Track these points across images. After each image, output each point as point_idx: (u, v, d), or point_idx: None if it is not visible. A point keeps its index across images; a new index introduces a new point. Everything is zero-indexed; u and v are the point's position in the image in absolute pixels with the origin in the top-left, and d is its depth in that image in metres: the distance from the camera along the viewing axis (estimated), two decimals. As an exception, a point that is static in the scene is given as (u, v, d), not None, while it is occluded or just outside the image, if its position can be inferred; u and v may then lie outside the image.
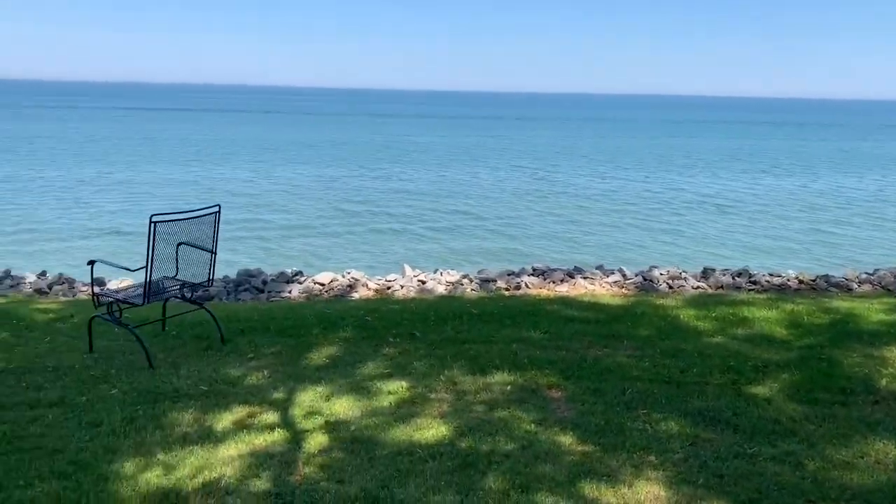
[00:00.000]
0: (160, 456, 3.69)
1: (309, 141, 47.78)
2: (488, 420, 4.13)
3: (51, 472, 3.51)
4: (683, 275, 8.56)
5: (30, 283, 7.83)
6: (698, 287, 8.13)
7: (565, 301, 7.13)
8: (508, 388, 4.63)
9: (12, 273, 8.26)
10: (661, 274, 8.48)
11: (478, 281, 8.21)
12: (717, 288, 8.18)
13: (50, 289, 7.72)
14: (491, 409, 4.29)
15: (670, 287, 8.07)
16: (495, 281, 8.21)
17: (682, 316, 6.41)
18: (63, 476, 3.48)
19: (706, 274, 8.74)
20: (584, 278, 8.34)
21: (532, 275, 8.55)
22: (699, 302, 7.13)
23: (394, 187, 26.91)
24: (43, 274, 8.27)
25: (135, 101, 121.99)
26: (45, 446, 3.81)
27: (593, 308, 6.75)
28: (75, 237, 17.56)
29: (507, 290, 7.94)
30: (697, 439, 3.92)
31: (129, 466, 3.58)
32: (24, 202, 22.07)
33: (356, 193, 25.18)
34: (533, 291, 7.83)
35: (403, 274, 8.54)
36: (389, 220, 20.40)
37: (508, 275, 8.57)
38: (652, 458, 3.69)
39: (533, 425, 4.06)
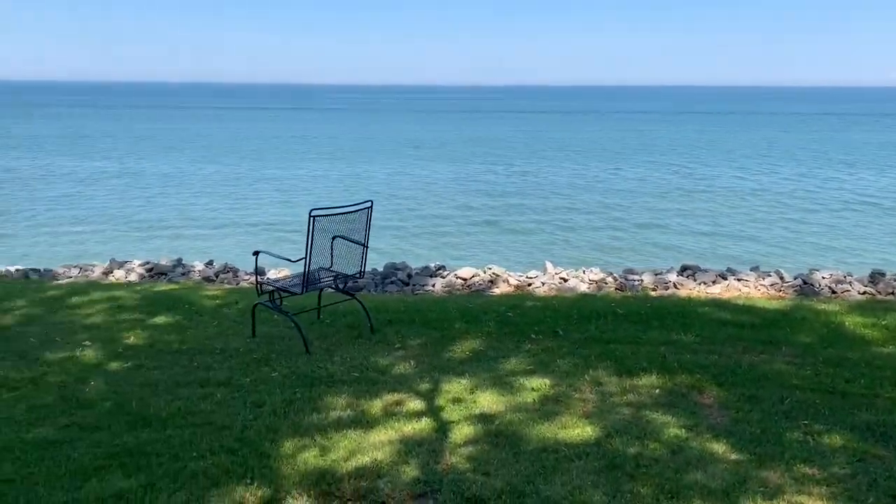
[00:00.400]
0: (316, 437, 3.90)
1: (470, 137, 48.54)
2: (635, 422, 4.04)
3: (220, 447, 3.80)
4: (848, 279, 7.95)
5: (198, 271, 8.49)
6: (865, 292, 7.52)
7: (718, 303, 6.83)
8: (656, 391, 4.50)
9: (183, 262, 9.00)
10: (824, 277, 7.92)
11: (622, 280, 8.03)
12: (888, 294, 7.53)
13: (216, 277, 8.35)
14: (638, 412, 4.19)
15: (833, 292, 7.52)
16: (641, 280, 8.00)
17: (847, 323, 5.97)
18: (231, 451, 3.76)
19: (875, 279, 8.07)
20: (738, 280, 7.95)
21: (681, 275, 8.25)
22: (867, 308, 6.60)
23: (535, 182, 26.83)
24: (210, 263, 8.95)
25: (297, 102, 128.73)
26: (215, 422, 4.13)
27: (748, 311, 6.42)
28: (235, 229, 18.84)
29: (653, 289, 7.71)
30: (866, 455, 3.64)
31: (288, 445, 3.81)
32: (188, 196, 23.95)
33: (495, 189, 25.32)
34: (682, 292, 7.55)
35: (545, 271, 8.50)
36: (528, 216, 20.36)
37: (655, 274, 8.32)
38: (814, 471, 3.47)
39: (683, 430, 3.93)
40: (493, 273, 8.25)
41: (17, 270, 8.68)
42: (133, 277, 8.24)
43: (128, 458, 3.67)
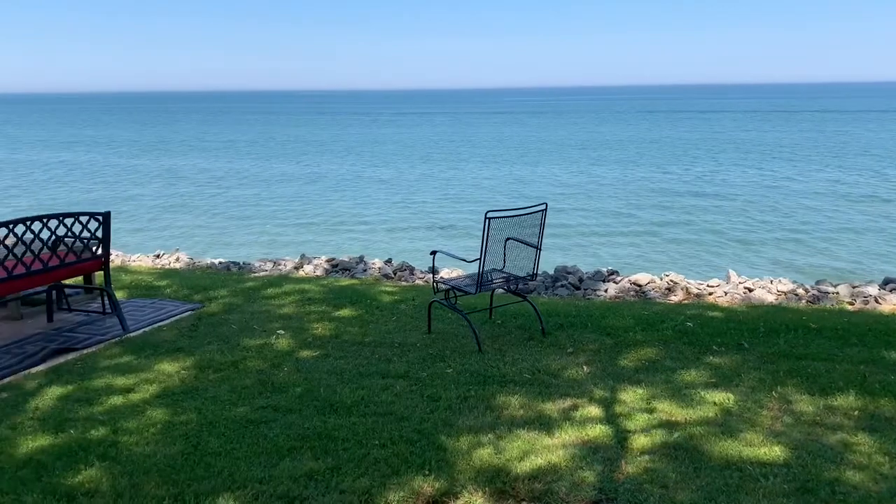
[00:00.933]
0: (490, 435, 3.96)
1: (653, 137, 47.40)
2: (830, 445, 3.74)
3: (400, 437, 3.97)
4: None
5: (378, 268, 8.92)
6: None
7: (927, 321, 6.15)
8: (856, 413, 4.14)
9: (364, 259, 9.49)
10: None
11: (814, 291, 7.45)
12: None
13: (394, 274, 8.73)
14: (833, 434, 3.87)
15: None
16: (836, 293, 7.37)
17: None
18: (409, 442, 3.91)
19: None
20: (953, 296, 7.11)
21: (883, 288, 7.51)
22: None
23: (715, 185, 25.53)
24: (388, 261, 9.38)
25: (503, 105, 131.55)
26: (395, 413, 4.32)
27: (966, 332, 5.73)
28: (412, 230, 19.55)
29: (850, 303, 7.08)
30: None
31: (463, 441, 3.91)
32: (371, 195, 25.15)
33: (668, 193, 24.38)
34: (884, 307, 6.88)
35: (728, 279, 8.08)
36: (704, 222, 19.41)
37: (853, 287, 7.64)
38: None
39: (887, 459, 3.59)
40: (671, 280, 7.95)
41: (220, 263, 9.55)
42: (319, 272, 8.81)
43: (317, 442, 3.93)
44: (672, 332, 5.78)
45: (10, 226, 5.28)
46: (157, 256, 10.00)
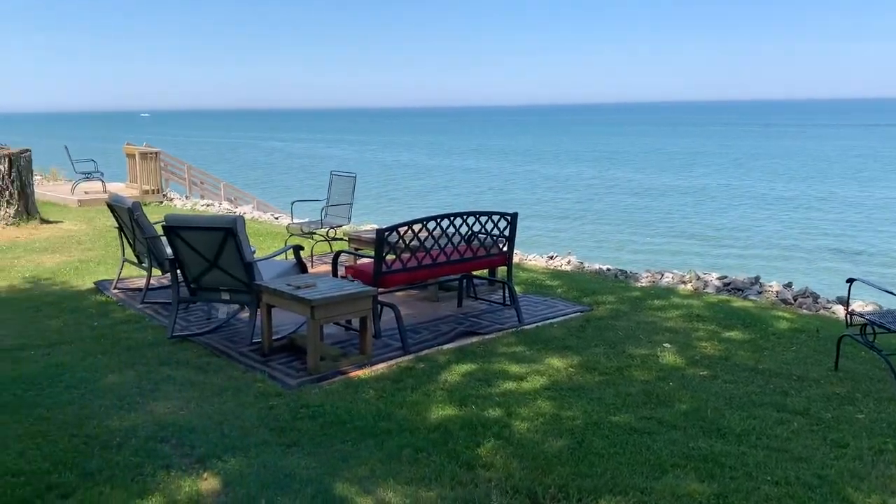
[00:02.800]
0: (913, 500, 3.38)
1: None
2: None
3: (796, 479, 3.61)
4: None
5: (775, 291, 8.21)
6: None
7: None
8: None
9: (761, 280, 8.82)
10: None
11: None
12: None
13: (794, 300, 7.95)
14: None
15: None
16: None
17: None
18: (808, 486, 3.53)
19: None
20: None
21: None
22: None
23: None
24: (788, 285, 8.57)
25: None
26: (790, 451, 3.93)
27: None
28: (820, 255, 17.67)
29: None
30: None
31: (875, 499, 3.40)
32: (770, 213, 23.35)
33: None
34: None
35: None
36: None
37: None
38: None
39: None
40: None
41: (608, 269, 9.75)
42: (709, 289, 8.45)
43: (702, 464, 3.77)
44: None
45: (438, 220, 6.07)
46: (551, 258, 10.59)
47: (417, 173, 42.66)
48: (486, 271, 7.51)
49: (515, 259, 10.62)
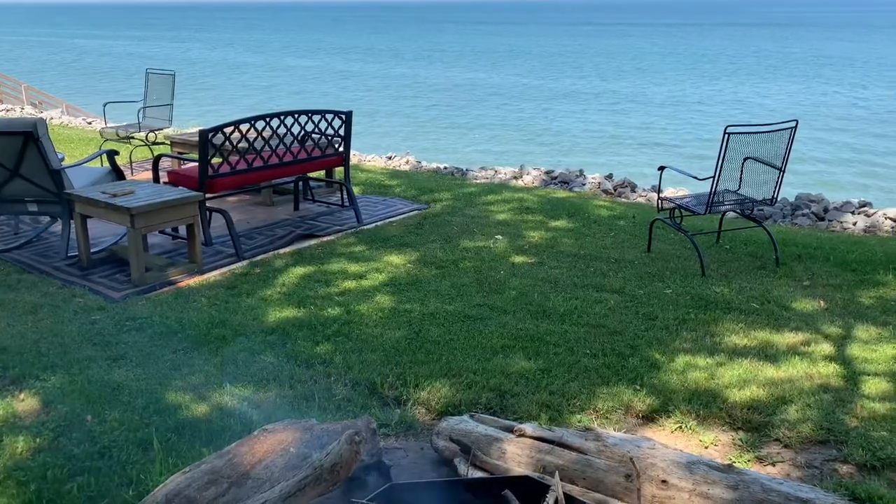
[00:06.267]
0: (708, 360, 3.81)
1: None
2: None
3: (612, 350, 3.95)
4: None
5: (597, 182, 8.73)
6: None
7: None
8: None
9: (584, 173, 9.32)
10: None
11: None
12: None
13: (614, 190, 8.50)
14: None
15: None
16: None
17: None
18: (621, 355, 3.88)
19: None
20: None
21: None
22: None
23: None
24: (609, 176, 9.13)
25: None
26: (607, 326, 4.28)
27: None
28: (639, 146, 18.84)
29: None
30: None
31: (678, 361, 3.80)
32: (600, 111, 24.49)
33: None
34: None
35: None
36: None
37: None
38: None
39: None
40: (936, 217, 6.96)
41: (444, 168, 9.89)
42: (537, 183, 8.82)
43: (529, 343, 4.03)
44: (933, 274, 5.10)
45: (268, 119, 5.82)
46: (389, 158, 10.56)
47: (259, 74, 40.44)
48: (322, 173, 7.37)
49: (354, 160, 10.48)
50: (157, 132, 8.94)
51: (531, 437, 2.67)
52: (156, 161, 6.10)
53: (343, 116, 6.44)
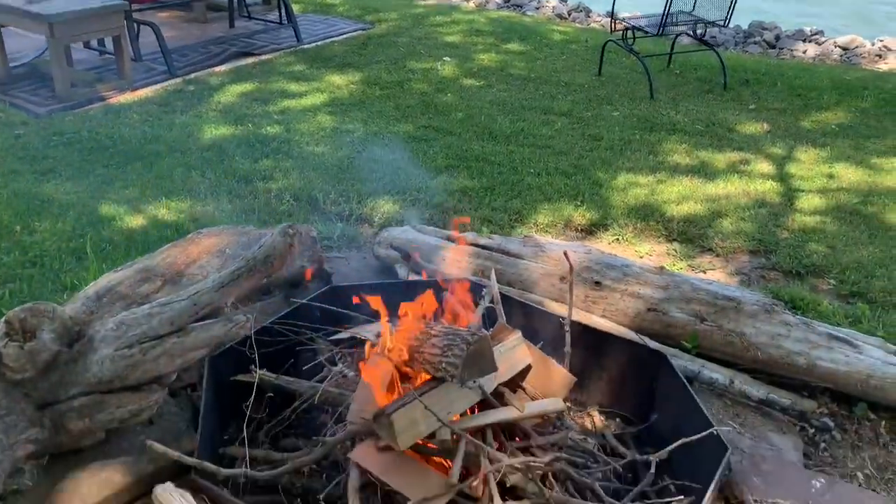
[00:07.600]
0: (650, 178, 3.85)
1: None
2: None
3: (556, 169, 3.94)
4: None
5: (552, 7, 8.39)
6: None
7: None
8: None
9: (539, -4, 8.93)
10: None
11: None
12: None
13: (569, 14, 8.19)
14: None
15: None
16: None
17: None
18: (565, 174, 3.88)
19: None
20: None
21: None
22: None
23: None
24: (564, 0, 8.77)
25: None
26: (553, 147, 4.25)
27: None
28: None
29: None
30: None
31: (620, 179, 3.83)
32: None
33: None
34: None
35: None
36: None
37: None
38: None
39: None
40: (884, 46, 6.94)
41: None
42: (490, 6, 8.43)
43: (473, 163, 3.98)
44: (874, 100, 5.14)
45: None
46: (331, -23, 9.92)
47: None
48: (258, -12, 6.88)
49: (293, -22, 9.81)
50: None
51: (471, 244, 2.69)
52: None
53: (279, -78, 5.92)
